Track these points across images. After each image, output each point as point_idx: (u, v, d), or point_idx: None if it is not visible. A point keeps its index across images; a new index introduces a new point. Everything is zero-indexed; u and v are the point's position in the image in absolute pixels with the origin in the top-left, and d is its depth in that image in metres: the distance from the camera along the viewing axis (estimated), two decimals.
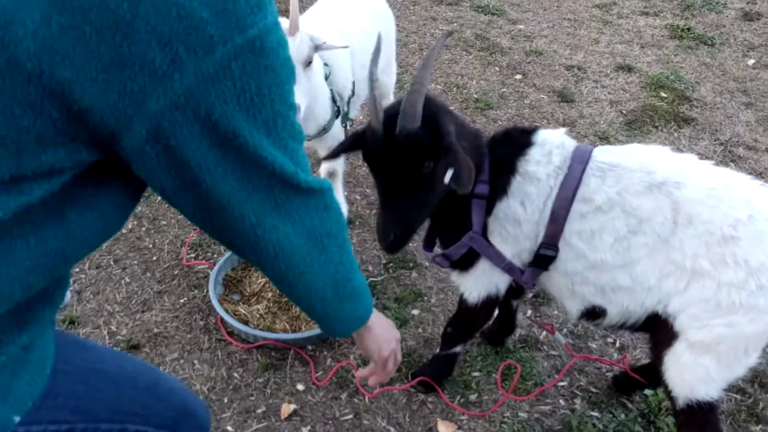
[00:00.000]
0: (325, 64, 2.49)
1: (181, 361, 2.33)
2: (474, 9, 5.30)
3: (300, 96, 2.18)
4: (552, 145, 1.82)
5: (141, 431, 1.19)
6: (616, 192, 1.72)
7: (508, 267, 1.90)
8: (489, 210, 1.84)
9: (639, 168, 1.73)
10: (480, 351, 2.43)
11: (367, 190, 3.23)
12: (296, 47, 2.14)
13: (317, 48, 2.23)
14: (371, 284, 2.68)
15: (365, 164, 3.38)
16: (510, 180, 1.80)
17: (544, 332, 2.53)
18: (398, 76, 4.21)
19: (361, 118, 3.82)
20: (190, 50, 0.73)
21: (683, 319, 1.70)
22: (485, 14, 5.22)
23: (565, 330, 2.56)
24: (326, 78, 2.49)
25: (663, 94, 4.27)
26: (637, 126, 3.93)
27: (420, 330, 2.52)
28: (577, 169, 1.75)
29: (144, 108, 0.74)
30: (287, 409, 2.19)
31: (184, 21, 0.71)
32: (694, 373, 1.74)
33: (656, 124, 3.97)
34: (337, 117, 2.56)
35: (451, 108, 2.02)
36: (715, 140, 3.85)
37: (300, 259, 1.02)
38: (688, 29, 5.19)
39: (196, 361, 2.33)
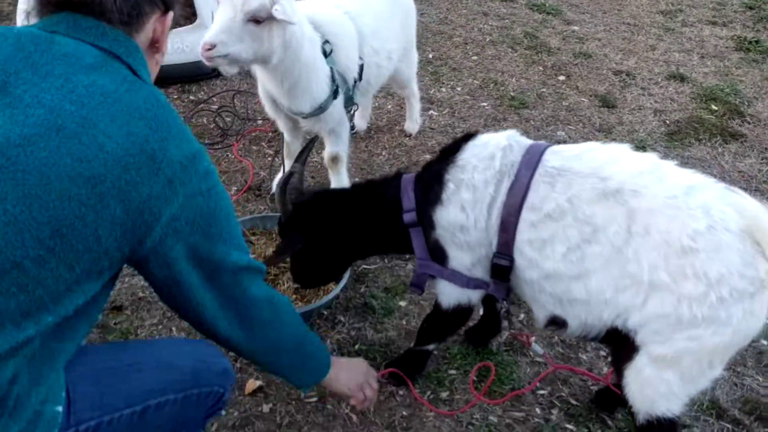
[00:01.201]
0: (327, 41, 2.46)
1: (160, 326, 2.36)
2: (529, 7, 5.17)
3: (222, 35, 2.10)
4: (495, 148, 1.77)
5: (162, 402, 1.39)
6: (567, 199, 1.65)
7: (472, 284, 1.88)
8: (428, 229, 1.87)
9: (592, 173, 1.64)
10: (460, 350, 2.36)
11: None
12: None
13: (269, 15, 2.12)
14: (364, 272, 2.65)
15: (383, 153, 3.35)
16: (441, 190, 1.80)
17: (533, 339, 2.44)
18: (437, 68, 4.16)
19: (384, 104, 3.78)
20: (180, 182, 1.19)
21: (644, 333, 1.62)
22: (540, 13, 5.09)
23: (555, 338, 2.46)
24: (327, 55, 2.46)
25: (714, 107, 4.05)
26: (679, 138, 3.74)
27: (404, 322, 2.47)
28: (524, 175, 1.69)
29: (160, 219, 1.18)
30: (253, 384, 2.18)
31: (178, 166, 1.19)
32: (655, 389, 1.66)
33: (700, 137, 3.76)
34: (335, 97, 2.52)
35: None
36: (762, 159, 3.62)
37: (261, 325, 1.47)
38: (757, 42, 4.91)
39: (174, 329, 2.35)
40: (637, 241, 1.58)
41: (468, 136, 1.86)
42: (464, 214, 1.76)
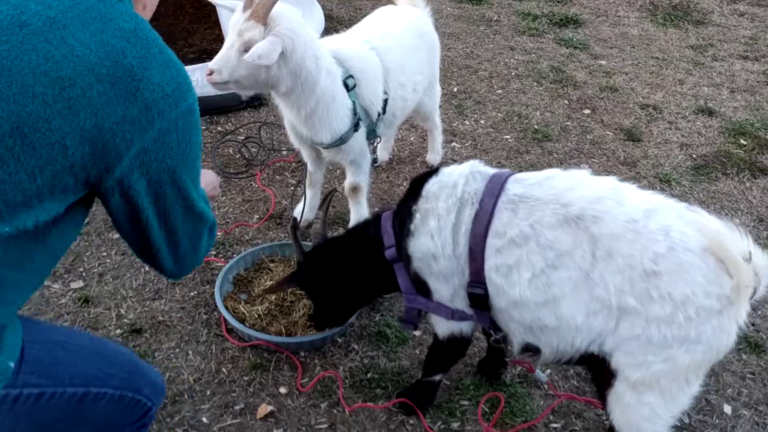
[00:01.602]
0: (351, 76, 2.52)
1: (177, 350, 2.40)
2: (556, 41, 5.20)
3: (220, 63, 2.20)
4: (458, 177, 1.82)
5: (101, 393, 1.37)
6: (529, 225, 1.68)
7: (457, 315, 1.90)
8: (407, 262, 1.91)
9: (553, 199, 1.68)
10: (473, 380, 2.35)
11: None
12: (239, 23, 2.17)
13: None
14: (379, 300, 2.66)
15: (404, 183, 3.38)
16: (411, 220, 1.86)
17: (548, 370, 2.42)
18: (461, 101, 4.20)
19: (407, 136, 3.82)
20: (159, 111, 1.14)
21: (619, 357, 1.65)
22: (567, 47, 5.11)
23: (571, 371, 2.43)
24: (350, 89, 2.52)
25: (742, 141, 4.00)
26: (706, 172, 3.70)
27: (417, 351, 2.47)
28: (488, 203, 1.73)
29: (131, 149, 1.13)
30: (264, 409, 2.20)
31: (159, 92, 1.13)
32: (638, 413, 1.69)
33: (727, 171, 3.72)
34: (356, 130, 2.58)
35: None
36: None
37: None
38: None
39: (190, 352, 2.40)
40: (602, 266, 1.61)
41: (434, 170, 1.92)
42: (433, 242, 1.81)
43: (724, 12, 5.92)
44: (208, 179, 1.90)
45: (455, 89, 4.37)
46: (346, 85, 2.52)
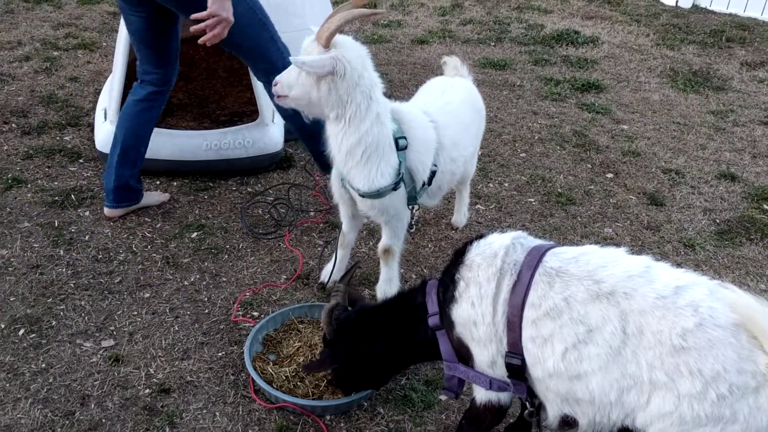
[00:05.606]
0: (403, 137, 2.57)
1: (204, 411, 2.42)
2: (578, 106, 5.29)
3: (284, 76, 2.45)
4: (499, 247, 1.87)
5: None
6: (563, 298, 1.72)
7: (495, 385, 1.92)
8: (450, 329, 1.96)
9: (587, 276, 1.72)
10: None
11: (425, 271, 3.25)
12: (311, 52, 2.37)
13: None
14: None
15: (429, 245, 3.42)
16: (454, 287, 1.91)
17: None
18: (485, 165, 4.27)
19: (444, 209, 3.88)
20: None
21: None
22: (589, 112, 5.19)
23: None
24: (400, 149, 2.56)
25: (766, 207, 4.01)
26: (730, 237, 3.70)
27: (443, 416, 2.47)
28: (525, 275, 1.78)
29: None
30: None
31: None
32: None
33: (752, 236, 3.72)
34: (394, 189, 2.59)
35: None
36: None
37: None
38: None
39: (217, 413, 2.41)
40: (633, 342, 1.62)
41: (477, 238, 1.98)
42: (474, 310, 1.85)
43: (744, 78, 5.99)
44: None
45: (479, 152, 4.44)
46: (397, 144, 2.57)
